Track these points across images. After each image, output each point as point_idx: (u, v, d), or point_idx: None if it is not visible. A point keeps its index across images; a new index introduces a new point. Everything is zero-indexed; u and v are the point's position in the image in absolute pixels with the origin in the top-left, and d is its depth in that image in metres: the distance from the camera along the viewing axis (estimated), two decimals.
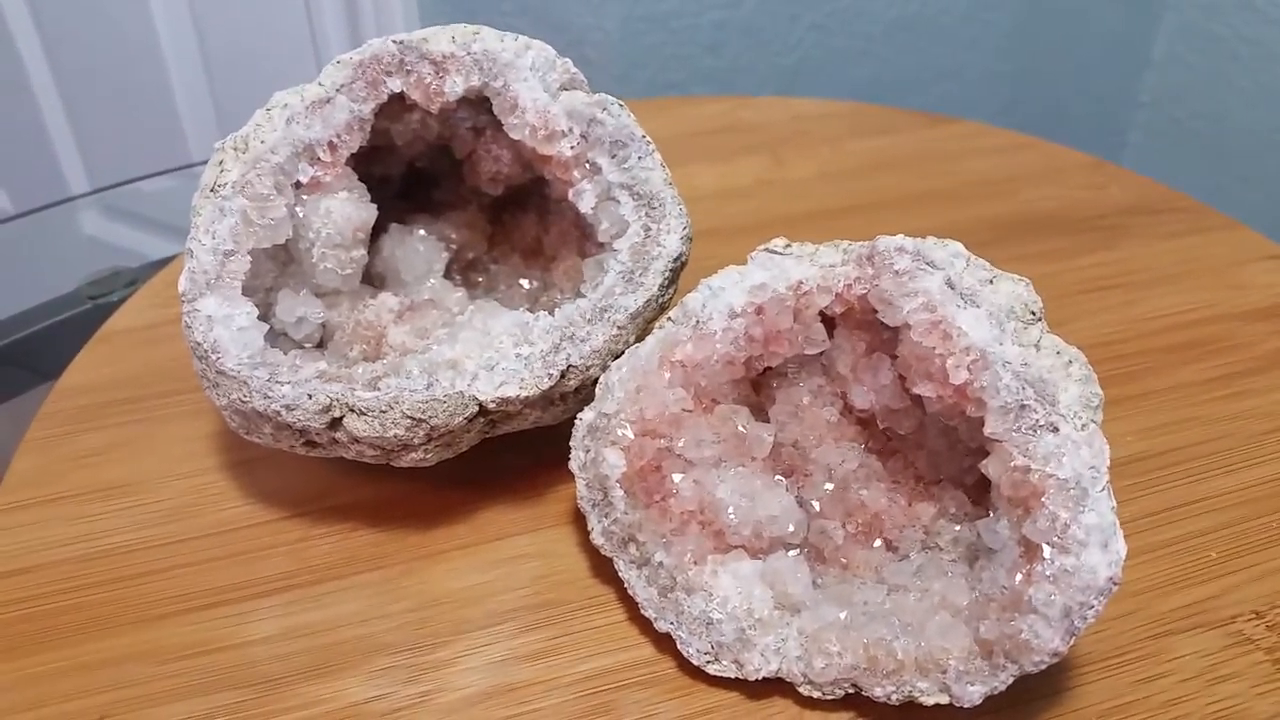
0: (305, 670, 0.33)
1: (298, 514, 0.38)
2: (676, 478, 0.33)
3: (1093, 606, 0.28)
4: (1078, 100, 0.84)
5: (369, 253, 0.39)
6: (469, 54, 0.37)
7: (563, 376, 0.35)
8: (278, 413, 0.33)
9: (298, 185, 0.37)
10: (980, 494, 0.33)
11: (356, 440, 0.34)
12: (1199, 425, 0.42)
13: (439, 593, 0.35)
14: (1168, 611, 0.34)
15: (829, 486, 0.34)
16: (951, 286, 0.31)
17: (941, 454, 0.33)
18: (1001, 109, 0.84)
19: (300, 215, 0.37)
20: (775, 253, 0.34)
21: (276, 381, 0.33)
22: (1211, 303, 0.48)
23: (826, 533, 0.33)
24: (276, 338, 0.37)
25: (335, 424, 0.34)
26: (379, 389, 0.33)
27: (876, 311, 0.32)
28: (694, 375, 0.33)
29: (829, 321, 0.34)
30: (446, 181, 0.44)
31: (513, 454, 0.40)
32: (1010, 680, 0.29)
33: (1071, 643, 0.28)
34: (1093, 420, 0.29)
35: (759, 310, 0.33)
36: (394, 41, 0.38)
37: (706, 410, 0.33)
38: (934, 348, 0.30)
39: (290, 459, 0.40)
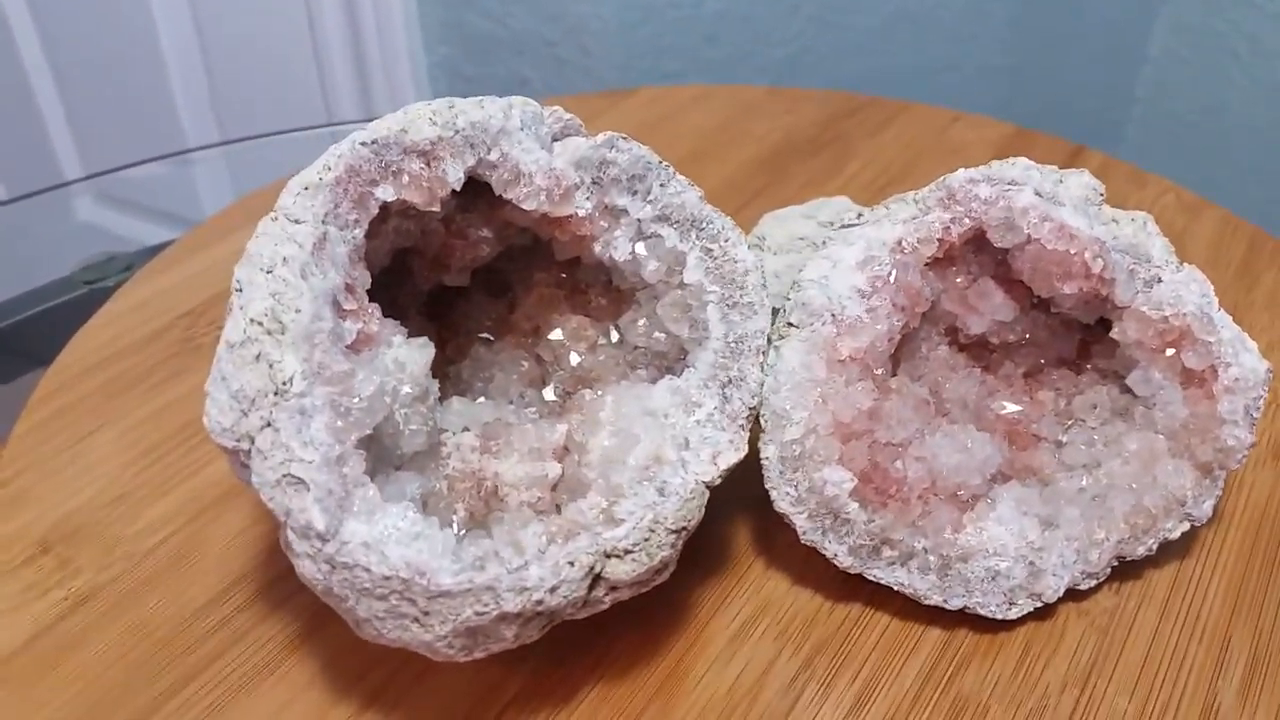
0: None
1: None
2: (898, 465, 0.33)
3: (1261, 395, 0.34)
4: (1075, 95, 0.83)
5: None
6: (457, 132, 0.32)
7: (747, 420, 0.32)
8: (539, 602, 0.27)
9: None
10: (1079, 362, 0.37)
11: (614, 589, 0.28)
12: None
13: (713, 704, 0.31)
14: None
15: (967, 414, 0.36)
16: (1040, 195, 0.34)
17: (1043, 343, 0.37)
18: (999, 103, 0.83)
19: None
20: (852, 225, 0.35)
21: (515, 570, 0.27)
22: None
23: (999, 454, 0.36)
24: None
25: (595, 583, 0.28)
26: (620, 519, 0.28)
27: (968, 243, 0.35)
28: (869, 363, 0.33)
29: None
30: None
31: None
32: (1223, 482, 0.34)
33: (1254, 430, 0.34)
34: (1180, 263, 0.35)
35: (890, 280, 0.34)
36: (363, 144, 0.31)
37: (884, 392, 0.34)
38: (1067, 249, 0.34)
39: (418, 675, 0.32)
